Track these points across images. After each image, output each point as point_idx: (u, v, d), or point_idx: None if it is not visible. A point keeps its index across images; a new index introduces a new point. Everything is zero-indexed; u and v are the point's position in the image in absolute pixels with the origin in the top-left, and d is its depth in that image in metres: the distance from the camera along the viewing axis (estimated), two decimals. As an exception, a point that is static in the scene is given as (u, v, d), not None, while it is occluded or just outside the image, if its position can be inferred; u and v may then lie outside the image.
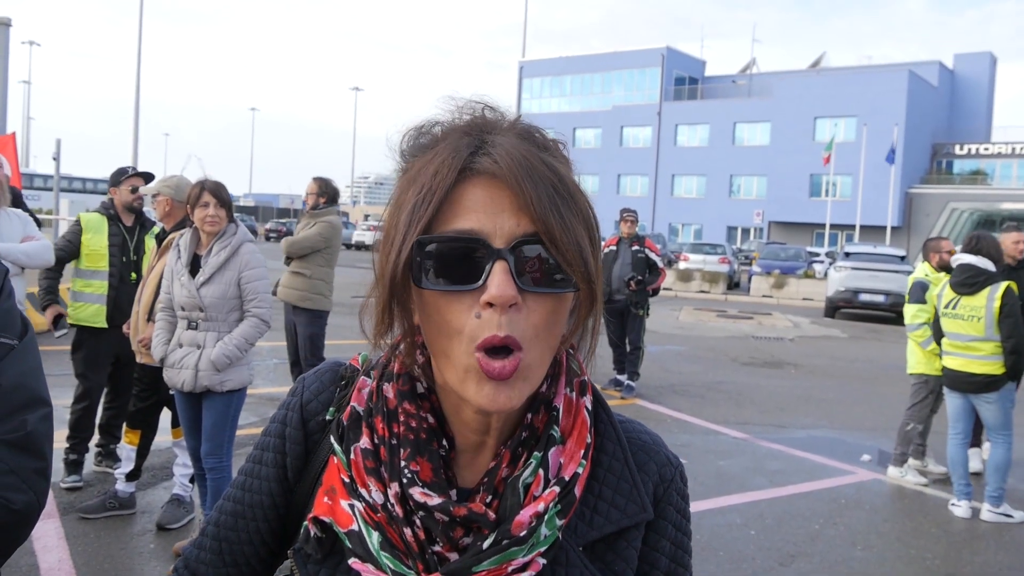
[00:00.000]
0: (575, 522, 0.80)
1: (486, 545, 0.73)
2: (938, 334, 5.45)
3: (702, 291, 23.48)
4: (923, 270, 6.13)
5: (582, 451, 0.79)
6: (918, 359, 5.92)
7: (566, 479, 0.77)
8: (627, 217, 8.30)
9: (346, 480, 0.78)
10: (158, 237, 4.48)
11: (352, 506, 0.77)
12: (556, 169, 0.74)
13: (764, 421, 7.59)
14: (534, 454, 0.77)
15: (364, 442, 0.79)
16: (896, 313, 16.37)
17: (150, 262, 4.35)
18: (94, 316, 4.73)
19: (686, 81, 52.66)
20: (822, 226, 40.18)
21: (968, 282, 5.17)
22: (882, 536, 4.82)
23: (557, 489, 0.76)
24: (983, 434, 6.02)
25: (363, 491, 0.77)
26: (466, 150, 0.73)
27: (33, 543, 3.84)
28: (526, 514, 0.74)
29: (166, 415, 4.49)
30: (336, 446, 0.81)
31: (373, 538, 0.75)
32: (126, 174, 4.82)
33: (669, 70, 51.36)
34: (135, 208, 4.85)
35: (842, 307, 18.08)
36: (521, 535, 0.73)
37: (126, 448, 4.37)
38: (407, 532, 0.74)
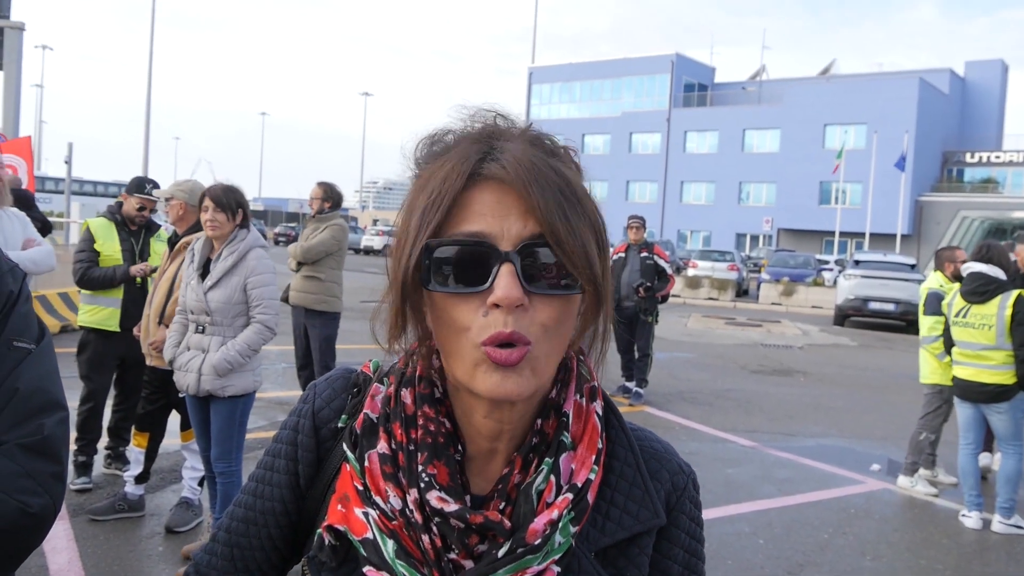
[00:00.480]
0: (588, 528, 0.80)
1: (501, 554, 0.73)
2: (948, 343, 5.41)
3: (711, 298, 23.41)
4: (937, 280, 6.05)
5: (593, 456, 0.80)
6: (932, 369, 5.88)
7: (578, 485, 0.77)
8: (633, 223, 8.27)
9: (360, 488, 0.79)
10: (170, 241, 4.50)
11: (366, 514, 0.77)
12: (564, 174, 0.75)
13: (773, 429, 7.56)
14: (545, 460, 0.77)
15: (382, 447, 0.79)
16: (906, 322, 16.29)
17: (161, 265, 4.38)
18: (107, 320, 4.76)
19: (695, 88, 52.64)
20: (832, 234, 40.06)
21: (979, 290, 5.14)
22: (892, 546, 4.79)
23: (570, 496, 0.76)
24: (994, 444, 5.97)
25: (378, 499, 0.77)
26: (475, 156, 0.74)
27: (43, 544, 3.85)
28: (540, 522, 0.74)
29: (175, 418, 4.51)
30: (349, 454, 0.81)
31: (388, 546, 0.75)
32: (143, 190, 4.85)
33: (678, 76, 51.37)
34: (137, 221, 4.89)
35: (852, 315, 17.96)
36: (536, 543, 0.74)
37: (135, 451, 4.39)
38: (424, 539, 0.75)
